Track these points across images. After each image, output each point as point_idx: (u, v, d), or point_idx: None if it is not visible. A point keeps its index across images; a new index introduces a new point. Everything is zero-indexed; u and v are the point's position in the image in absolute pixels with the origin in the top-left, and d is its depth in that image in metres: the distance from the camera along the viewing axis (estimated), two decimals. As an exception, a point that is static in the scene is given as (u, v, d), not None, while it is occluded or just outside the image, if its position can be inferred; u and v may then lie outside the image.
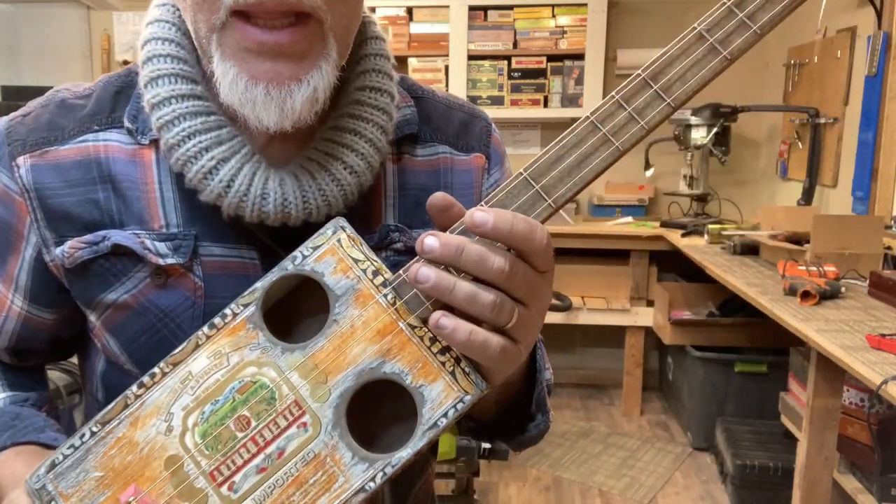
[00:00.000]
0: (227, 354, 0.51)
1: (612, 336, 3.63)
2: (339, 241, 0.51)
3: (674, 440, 3.23)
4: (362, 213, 0.65)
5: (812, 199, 2.98)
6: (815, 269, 2.11)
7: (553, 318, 3.34)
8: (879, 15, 2.55)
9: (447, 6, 3.48)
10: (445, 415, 0.48)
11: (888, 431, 2.00)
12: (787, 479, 2.23)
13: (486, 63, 3.55)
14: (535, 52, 3.51)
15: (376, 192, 0.66)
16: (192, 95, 0.61)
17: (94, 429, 0.52)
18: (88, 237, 0.62)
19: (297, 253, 0.52)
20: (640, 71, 0.51)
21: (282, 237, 0.62)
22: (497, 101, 3.56)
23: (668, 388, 3.58)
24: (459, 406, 0.48)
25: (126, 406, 0.52)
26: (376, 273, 0.51)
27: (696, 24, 0.51)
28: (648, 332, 3.39)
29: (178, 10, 0.64)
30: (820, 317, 1.81)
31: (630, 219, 3.51)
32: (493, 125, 0.76)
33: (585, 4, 3.43)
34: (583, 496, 2.76)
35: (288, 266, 0.51)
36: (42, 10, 3.89)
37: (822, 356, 1.72)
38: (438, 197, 0.49)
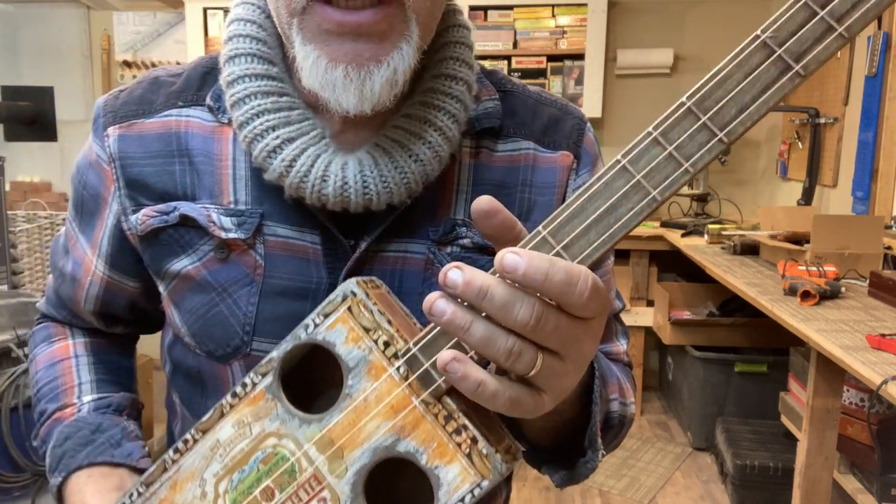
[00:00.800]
0: (249, 424, 0.52)
1: (612, 336, 3.63)
2: (349, 308, 0.49)
3: (674, 440, 3.23)
4: (429, 204, 0.64)
5: (812, 199, 2.98)
6: (815, 269, 2.11)
7: (553, 318, 3.34)
8: (879, 15, 2.55)
9: (447, 6, 3.47)
10: (462, 500, 0.46)
11: (888, 431, 2.00)
12: (787, 479, 2.23)
13: (487, 63, 3.54)
14: (535, 52, 3.51)
15: (447, 185, 0.65)
16: (266, 76, 0.62)
17: (140, 489, 0.55)
18: (160, 206, 0.65)
19: (308, 321, 0.51)
20: (683, 98, 0.41)
21: (346, 223, 0.62)
22: (497, 101, 3.56)
23: (668, 388, 3.58)
24: (476, 492, 0.46)
25: (165, 470, 0.55)
26: (388, 343, 0.48)
27: (758, 31, 0.40)
28: (648, 331, 3.39)
29: None
30: (820, 317, 1.81)
31: (630, 219, 3.50)
32: (589, 125, 0.73)
33: (585, 4, 3.43)
34: (583, 496, 2.76)
35: (301, 335, 0.51)
36: (42, 10, 3.89)
37: (822, 356, 1.72)
38: (484, 201, 0.43)
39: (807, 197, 2.98)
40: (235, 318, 0.63)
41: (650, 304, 3.37)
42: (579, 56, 3.48)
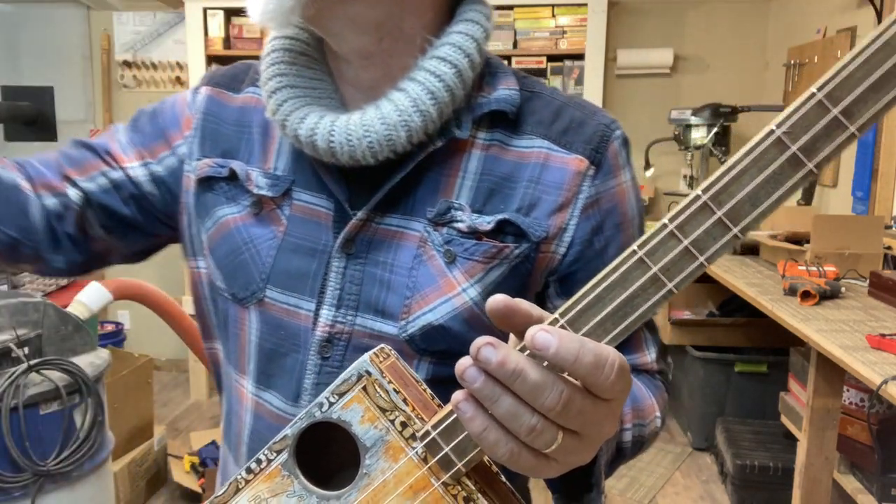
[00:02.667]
0: (266, 500, 0.52)
1: (612, 336, 3.63)
2: (363, 388, 0.50)
3: (674, 440, 3.23)
4: (432, 186, 0.67)
5: (812, 199, 2.98)
6: (815, 269, 2.11)
7: (553, 318, 3.34)
8: (879, 15, 2.55)
9: (447, 6, 3.47)
10: None
11: (888, 431, 2.00)
12: (787, 479, 2.23)
13: (486, 63, 3.54)
14: (535, 52, 3.51)
15: (453, 170, 0.67)
16: (289, 37, 0.70)
17: None
18: (219, 160, 0.73)
19: (322, 399, 0.51)
20: (699, 191, 0.41)
21: (358, 196, 0.68)
22: (497, 101, 3.56)
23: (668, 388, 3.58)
24: None
25: None
26: (405, 424, 0.49)
27: (773, 126, 0.40)
28: (648, 332, 3.39)
29: None
30: (820, 317, 1.81)
31: (630, 219, 3.50)
32: (620, 136, 0.70)
33: (585, 4, 3.43)
34: (583, 496, 2.76)
35: (316, 413, 0.51)
36: (42, 10, 3.89)
37: (822, 356, 1.72)
38: (499, 301, 0.44)
39: (807, 197, 2.98)
40: (255, 267, 0.69)
41: (650, 304, 3.37)
42: (579, 56, 3.48)
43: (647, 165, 3.40)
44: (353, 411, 0.50)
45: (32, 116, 3.81)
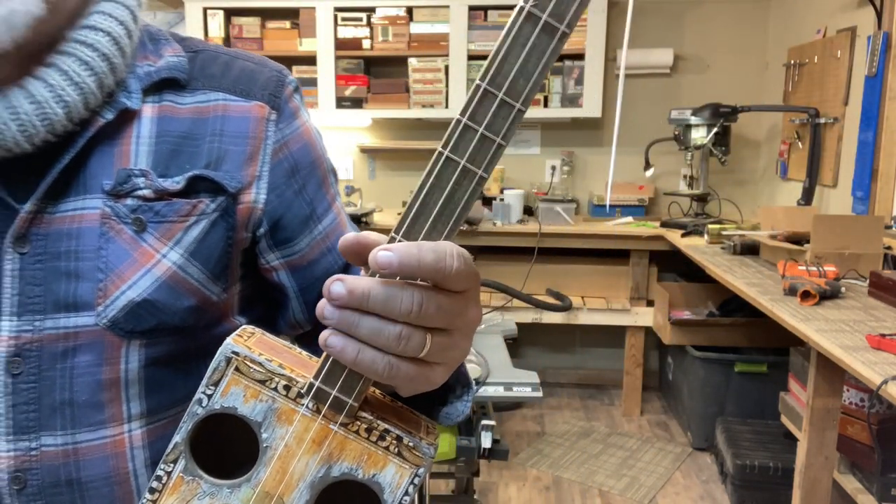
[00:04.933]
0: None
1: (612, 336, 3.63)
2: (236, 369, 0.50)
3: (674, 440, 3.23)
4: (102, 158, 0.62)
5: (812, 199, 2.98)
6: (815, 269, 2.11)
7: (553, 318, 3.34)
8: (879, 15, 2.55)
9: (447, 6, 3.48)
10: (406, 492, 0.50)
11: (888, 431, 2.00)
12: (787, 479, 2.23)
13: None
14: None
15: (124, 138, 0.63)
16: None
17: None
18: None
19: (199, 395, 0.50)
20: (477, 81, 0.44)
21: (15, 187, 0.60)
22: (497, 101, 3.56)
23: (668, 388, 3.58)
24: (416, 480, 0.49)
25: None
26: (288, 387, 0.49)
27: (521, 3, 0.43)
28: (648, 332, 3.40)
29: None
30: (820, 317, 1.81)
31: (630, 219, 3.51)
32: (293, 81, 0.71)
33: (585, 4, 3.43)
34: (583, 496, 2.76)
35: (198, 411, 0.50)
36: (42, 10, 3.88)
37: (822, 356, 1.72)
38: (349, 238, 0.46)
39: (807, 197, 2.98)
40: None
41: (650, 304, 3.37)
42: (579, 56, 3.48)
43: (647, 165, 3.40)
44: (234, 395, 0.50)
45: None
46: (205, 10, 3.53)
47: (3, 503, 0.60)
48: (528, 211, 3.61)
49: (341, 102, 3.59)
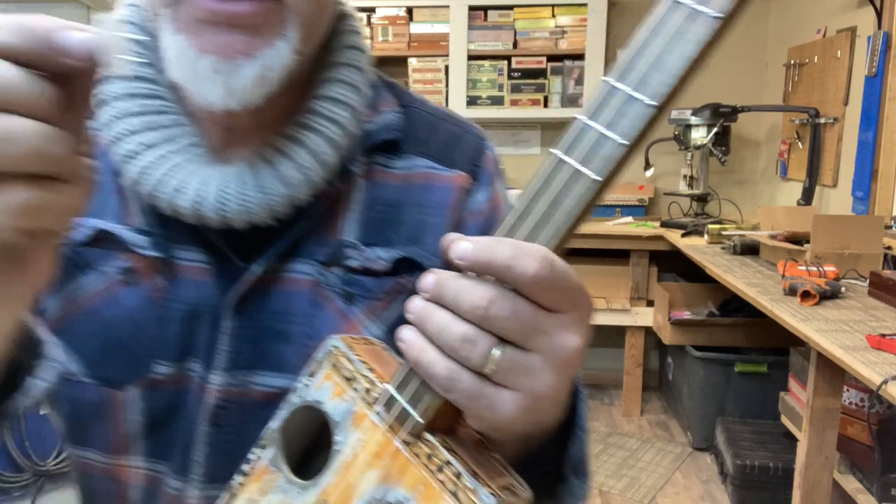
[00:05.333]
0: (257, 501, 0.50)
1: (612, 336, 3.63)
2: (333, 364, 0.47)
3: (674, 440, 3.23)
4: (317, 224, 0.62)
5: (812, 199, 2.98)
6: (815, 269, 2.11)
7: (553, 318, 3.34)
8: (879, 15, 2.55)
9: (447, 6, 3.48)
10: None
11: (888, 431, 2.00)
12: (787, 479, 2.23)
13: (486, 63, 3.55)
14: (535, 52, 3.51)
15: (339, 204, 0.63)
16: (139, 77, 0.59)
17: None
18: None
19: (297, 384, 0.49)
20: (605, 77, 0.40)
21: (236, 243, 0.59)
22: (497, 102, 3.56)
23: (668, 388, 3.58)
24: None
25: None
26: (369, 390, 0.46)
27: None
28: (648, 332, 3.40)
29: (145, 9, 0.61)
30: (820, 317, 1.81)
31: (630, 219, 3.51)
32: (489, 143, 0.70)
33: (585, 4, 3.43)
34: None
35: (293, 399, 0.49)
36: (42, 10, 3.87)
37: (822, 356, 1.72)
38: (449, 238, 0.42)
39: (807, 197, 2.98)
40: (136, 341, 0.60)
41: (650, 304, 3.37)
42: (579, 56, 3.48)
43: (647, 165, 3.40)
44: (325, 389, 0.47)
45: (32, 116, 3.81)
46: (205, 10, 3.53)
47: None
48: (528, 211, 3.60)
49: (341, 102, 3.59)
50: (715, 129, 3.18)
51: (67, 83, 0.35)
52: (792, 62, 3.27)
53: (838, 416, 1.89)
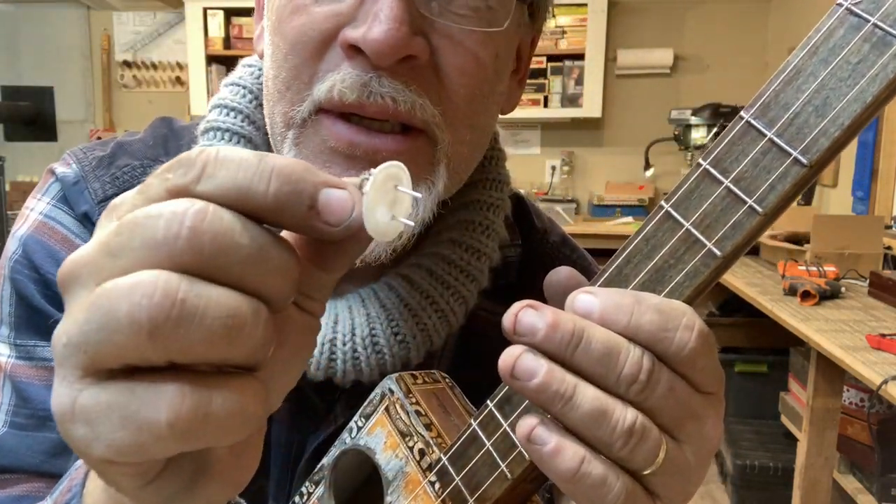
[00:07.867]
0: None
1: (612, 336, 3.63)
2: (386, 409, 0.43)
3: (674, 440, 3.23)
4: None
5: (812, 199, 2.98)
6: (815, 269, 2.11)
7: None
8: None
9: (447, 6, 3.47)
10: None
11: (888, 431, 2.00)
12: (787, 479, 2.23)
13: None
14: (535, 52, 3.51)
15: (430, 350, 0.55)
16: None
17: None
18: None
19: (352, 423, 0.45)
20: (742, 112, 0.30)
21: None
22: (497, 101, 3.56)
23: (668, 388, 3.58)
24: None
25: None
26: (423, 452, 0.41)
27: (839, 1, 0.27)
28: (648, 332, 3.39)
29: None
30: (820, 317, 1.81)
31: (630, 219, 3.51)
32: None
33: (585, 4, 3.43)
34: (583, 496, 2.76)
35: (346, 438, 0.45)
36: (42, 10, 3.89)
37: (822, 356, 1.72)
38: (563, 273, 0.33)
39: (807, 197, 2.98)
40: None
41: (650, 304, 3.37)
42: (579, 56, 3.48)
43: (647, 165, 3.40)
44: (377, 437, 0.43)
45: (32, 116, 3.81)
46: (205, 10, 3.53)
47: None
48: (528, 211, 3.61)
49: (341, 102, 3.59)
50: (715, 129, 3.18)
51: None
52: (792, 62, 3.27)
53: (838, 416, 1.89)
